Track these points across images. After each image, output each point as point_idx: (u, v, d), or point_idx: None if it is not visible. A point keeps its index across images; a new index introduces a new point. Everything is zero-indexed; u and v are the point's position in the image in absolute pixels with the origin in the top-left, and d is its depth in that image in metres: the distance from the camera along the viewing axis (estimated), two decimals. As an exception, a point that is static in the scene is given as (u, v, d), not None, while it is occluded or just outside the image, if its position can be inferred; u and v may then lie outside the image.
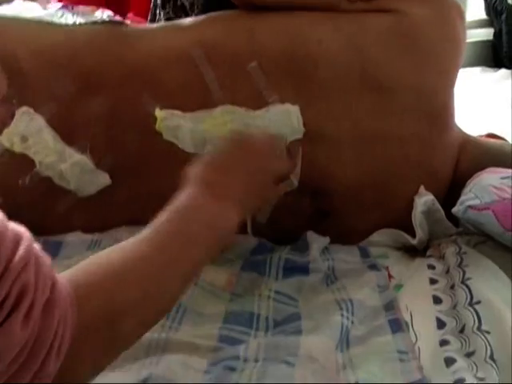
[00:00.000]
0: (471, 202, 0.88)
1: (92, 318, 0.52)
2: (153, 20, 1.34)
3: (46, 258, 0.50)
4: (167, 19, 1.26)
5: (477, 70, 2.31)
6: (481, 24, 2.55)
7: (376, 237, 1.01)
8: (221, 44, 0.97)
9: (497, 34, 2.47)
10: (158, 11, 1.32)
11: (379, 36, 0.95)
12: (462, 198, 0.91)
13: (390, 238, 1.01)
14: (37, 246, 0.49)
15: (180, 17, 1.23)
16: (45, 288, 0.47)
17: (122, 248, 0.60)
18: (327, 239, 0.99)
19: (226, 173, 0.75)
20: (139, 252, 0.59)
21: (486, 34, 2.52)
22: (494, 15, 2.45)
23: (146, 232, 0.63)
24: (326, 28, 0.96)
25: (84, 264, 0.57)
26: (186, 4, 1.21)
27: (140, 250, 0.60)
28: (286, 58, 0.95)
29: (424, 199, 0.97)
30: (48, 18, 0.99)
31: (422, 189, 0.98)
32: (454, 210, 0.90)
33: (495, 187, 0.88)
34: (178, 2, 1.24)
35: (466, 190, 0.93)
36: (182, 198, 0.69)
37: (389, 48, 0.95)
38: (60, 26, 0.99)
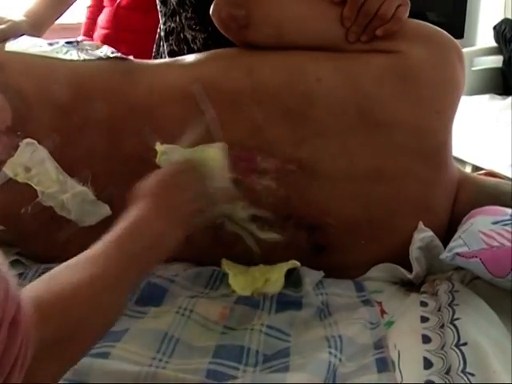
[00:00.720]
0: (459, 250, 0.88)
1: (53, 335, 0.58)
2: (157, 53, 1.37)
3: (12, 278, 0.53)
4: (170, 51, 1.29)
5: (485, 97, 2.32)
6: (490, 52, 2.57)
7: (373, 272, 1.02)
8: (220, 81, 0.99)
9: (506, 62, 2.48)
10: (161, 43, 1.35)
11: (377, 75, 0.97)
12: (451, 244, 0.91)
13: (387, 273, 1.02)
14: (4, 267, 0.53)
15: (182, 49, 1.26)
16: (12, 308, 0.51)
17: (75, 266, 0.67)
18: (321, 273, 1.00)
19: (176, 190, 0.81)
20: (90, 271, 0.66)
21: (495, 61, 2.54)
22: (503, 43, 2.47)
23: (96, 249, 0.69)
24: (325, 66, 0.98)
25: (46, 281, 0.63)
26: (189, 37, 1.23)
27: (90, 270, 0.66)
28: (285, 94, 0.97)
29: (422, 235, 0.98)
30: (53, 54, 1.02)
31: (420, 225, 1.00)
32: (442, 256, 0.91)
33: (485, 234, 0.88)
34: (181, 35, 1.26)
35: (456, 235, 0.93)
36: (132, 214, 0.76)
37: (387, 87, 0.96)
38: (65, 61, 1.02)
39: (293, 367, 0.78)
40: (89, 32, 2.47)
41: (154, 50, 1.39)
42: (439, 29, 1.01)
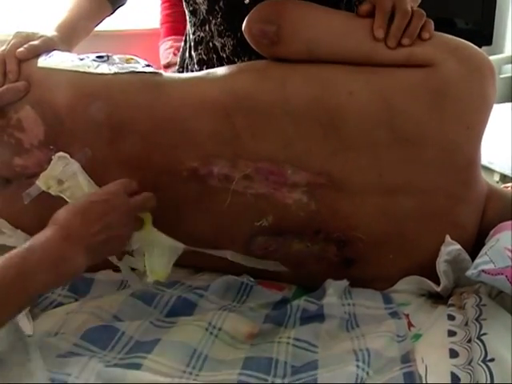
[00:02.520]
0: (485, 267, 0.88)
1: None
2: (181, 66, 1.39)
3: None
4: (199, 60, 1.30)
5: (508, 105, 2.31)
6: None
7: (401, 285, 1.04)
8: (253, 92, 1.01)
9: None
10: (186, 55, 1.36)
11: (409, 90, 0.98)
12: (477, 260, 0.92)
13: (414, 286, 1.03)
14: None
15: (212, 58, 1.27)
16: None
17: None
18: (346, 282, 1.02)
19: (85, 219, 0.86)
20: None
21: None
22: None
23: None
24: (357, 79, 0.99)
25: None
26: (218, 45, 1.25)
27: None
28: (316, 106, 0.99)
29: (449, 249, 0.99)
30: (84, 68, 1.04)
31: (447, 238, 1.01)
32: (468, 273, 0.91)
33: (510, 251, 0.89)
34: (210, 44, 1.27)
35: (482, 251, 0.94)
36: (36, 237, 0.82)
37: (418, 102, 0.97)
38: (96, 75, 1.04)
39: (321, 380, 0.79)
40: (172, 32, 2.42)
41: (177, 64, 1.41)
42: (470, 44, 1.02)
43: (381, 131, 0.98)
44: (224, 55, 1.25)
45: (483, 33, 2.88)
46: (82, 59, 1.07)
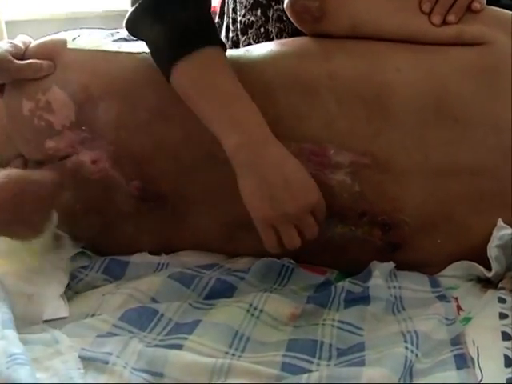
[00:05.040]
0: None
1: None
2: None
3: None
4: (247, 46, 1.27)
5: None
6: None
7: (449, 271, 1.04)
8: (296, 68, 1.01)
9: None
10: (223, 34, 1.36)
11: (460, 69, 0.98)
12: None
13: (463, 272, 1.03)
14: None
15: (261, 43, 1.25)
16: None
17: None
18: (392, 264, 1.03)
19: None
20: None
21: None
22: None
23: None
24: (404, 56, 1.00)
25: None
26: (274, 30, 1.26)
27: None
28: (362, 83, 0.99)
29: (502, 233, 0.98)
30: (115, 48, 1.06)
31: (500, 222, 1.00)
32: None
33: None
34: (261, 29, 1.28)
35: None
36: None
37: (468, 81, 0.98)
38: (129, 54, 1.06)
39: (369, 361, 0.80)
40: None
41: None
42: None
43: (428, 111, 0.98)
44: None
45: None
46: (114, 39, 1.09)
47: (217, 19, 1.43)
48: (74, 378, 0.77)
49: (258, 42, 1.28)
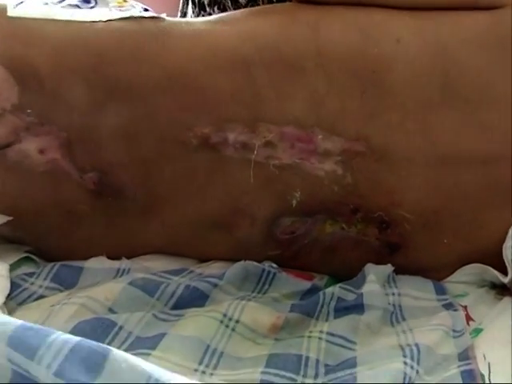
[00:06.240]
0: None
1: None
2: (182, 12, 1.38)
3: None
4: (210, 2, 1.29)
5: None
6: None
7: (457, 276, 1.00)
8: (278, 40, 0.95)
9: None
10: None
11: (471, 39, 0.93)
12: None
13: (474, 276, 0.99)
14: None
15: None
16: None
17: None
18: (389, 267, 0.98)
19: None
20: None
21: None
22: None
23: None
24: (406, 25, 0.94)
25: None
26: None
27: None
28: (356, 56, 0.93)
29: None
30: (68, 16, 0.98)
31: None
32: None
33: None
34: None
35: None
36: None
37: (481, 54, 0.92)
38: (83, 23, 0.98)
39: (361, 379, 0.74)
40: None
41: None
42: None
43: (433, 88, 0.92)
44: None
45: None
46: (63, 5, 1.03)
47: None
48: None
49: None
